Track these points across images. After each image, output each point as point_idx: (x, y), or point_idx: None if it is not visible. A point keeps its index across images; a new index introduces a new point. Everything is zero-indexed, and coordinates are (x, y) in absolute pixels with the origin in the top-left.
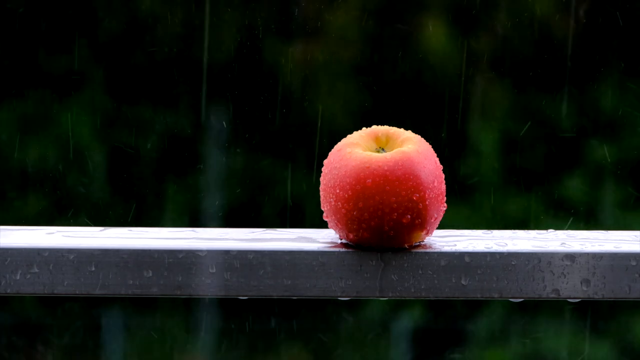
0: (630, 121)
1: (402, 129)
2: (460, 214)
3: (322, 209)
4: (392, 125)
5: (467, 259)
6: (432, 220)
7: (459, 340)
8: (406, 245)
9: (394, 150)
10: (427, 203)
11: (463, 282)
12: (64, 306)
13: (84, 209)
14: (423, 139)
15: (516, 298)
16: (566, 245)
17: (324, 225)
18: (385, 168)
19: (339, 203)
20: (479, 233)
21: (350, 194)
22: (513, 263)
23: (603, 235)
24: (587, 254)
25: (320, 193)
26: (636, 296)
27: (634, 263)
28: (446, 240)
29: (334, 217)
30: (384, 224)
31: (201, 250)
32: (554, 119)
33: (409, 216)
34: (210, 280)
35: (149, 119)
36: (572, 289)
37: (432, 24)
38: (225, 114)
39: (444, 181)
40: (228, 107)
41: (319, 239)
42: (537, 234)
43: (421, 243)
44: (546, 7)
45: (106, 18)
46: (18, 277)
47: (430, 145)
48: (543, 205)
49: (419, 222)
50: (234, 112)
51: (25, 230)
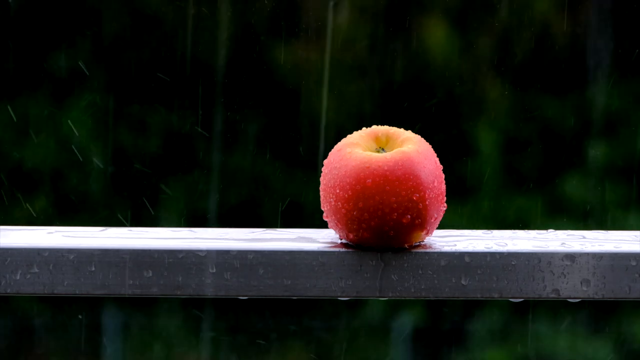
0: (630, 121)
1: (402, 129)
2: (460, 214)
3: (322, 209)
4: (392, 125)
5: (467, 259)
6: (432, 220)
7: (459, 340)
8: (406, 245)
9: (394, 150)
10: (427, 203)
11: (463, 282)
12: (64, 306)
13: (84, 209)
14: (423, 139)
15: (516, 298)
16: (566, 245)
17: (324, 225)
18: (385, 168)
19: (339, 203)
20: (479, 233)
21: (350, 194)
22: (513, 263)
23: (603, 235)
24: (587, 254)
25: (320, 193)
26: (636, 296)
27: (634, 263)
28: (446, 240)
29: (334, 217)
30: (384, 224)
31: (201, 250)
32: (554, 119)
33: (409, 216)
34: (210, 280)
35: (149, 118)
36: (572, 289)
37: (433, 24)
38: (225, 114)
39: (444, 181)
40: (228, 107)
41: (319, 239)
42: (537, 234)
43: (421, 243)
44: (546, 7)
45: (106, 18)
46: (18, 277)
47: (430, 145)
48: (543, 205)
49: (419, 222)
50: (233, 112)
51: (25, 230)
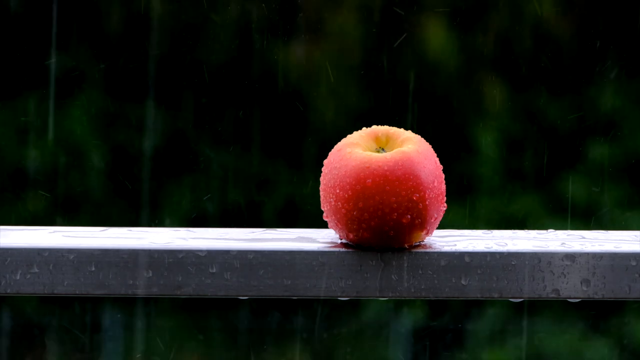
0: (630, 121)
1: (402, 129)
2: (460, 214)
3: (322, 209)
4: (392, 125)
5: (467, 259)
6: (432, 220)
7: (459, 340)
8: (406, 245)
9: (394, 150)
10: (427, 203)
11: (463, 282)
12: (64, 306)
13: (84, 209)
14: (423, 139)
15: (516, 298)
16: (566, 245)
17: (324, 225)
18: (385, 168)
19: (339, 203)
20: (479, 233)
21: (350, 194)
22: (513, 263)
23: (603, 235)
24: (587, 254)
25: (320, 193)
26: (636, 296)
27: (634, 263)
28: (446, 240)
29: (334, 217)
30: (384, 224)
31: (201, 250)
32: (554, 119)
33: (409, 216)
34: (210, 280)
35: (149, 118)
36: (572, 289)
37: (432, 24)
38: (225, 114)
39: (444, 181)
40: (228, 107)
41: (319, 239)
42: (537, 234)
43: (421, 243)
44: (546, 7)
45: (106, 17)
46: (18, 277)
47: (430, 145)
48: (543, 205)
49: (419, 222)
50: (233, 112)
51: (25, 230)
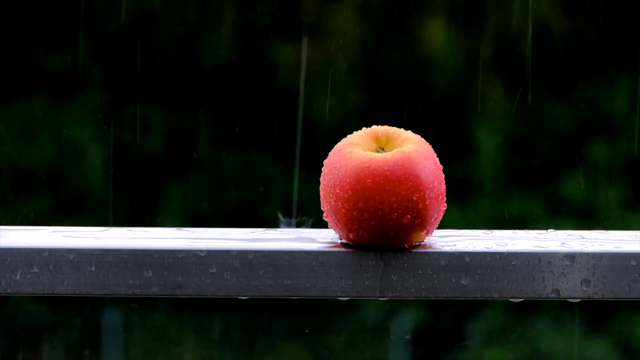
0: (630, 121)
1: (402, 129)
2: (460, 214)
3: (322, 209)
4: (392, 125)
5: (467, 259)
6: (432, 220)
7: (459, 340)
8: (406, 245)
9: (394, 150)
10: (427, 203)
11: (463, 282)
12: (64, 306)
13: (84, 209)
14: (423, 139)
15: (516, 298)
16: (566, 245)
17: (324, 225)
18: (385, 168)
19: (339, 203)
20: (479, 233)
21: (350, 194)
22: (513, 263)
23: (603, 235)
24: (587, 254)
25: (320, 193)
26: (636, 296)
27: (634, 263)
28: (446, 240)
29: (334, 217)
30: (384, 224)
31: (201, 250)
32: (554, 119)
33: (409, 216)
34: (210, 280)
35: (149, 118)
36: (572, 289)
37: (433, 24)
38: (225, 114)
39: (444, 181)
40: (228, 107)
41: (319, 239)
42: (537, 234)
43: (421, 243)
44: (546, 7)
45: (106, 17)
46: (18, 277)
47: (430, 145)
48: (543, 205)
49: (419, 222)
50: (233, 112)
51: (25, 230)
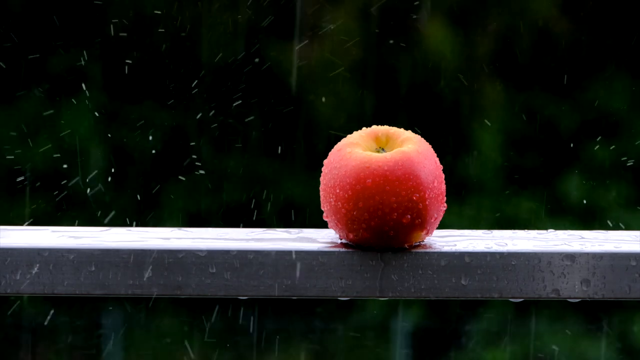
0: (630, 121)
1: (402, 129)
2: (460, 214)
3: (322, 209)
4: (392, 125)
5: (467, 259)
6: (432, 220)
7: (459, 340)
8: (406, 245)
9: (394, 150)
10: (427, 203)
11: (463, 282)
12: (64, 306)
13: (84, 209)
14: (423, 139)
15: (516, 298)
16: (566, 245)
17: (324, 225)
18: (385, 168)
19: (339, 203)
20: (479, 233)
21: (350, 194)
22: (513, 263)
23: (603, 235)
24: (587, 254)
25: (320, 193)
26: (636, 296)
27: (634, 263)
28: (446, 240)
29: (334, 217)
30: (384, 224)
31: (201, 250)
32: (554, 119)
33: (409, 216)
34: (210, 280)
35: (149, 118)
36: (572, 289)
37: (433, 24)
38: (225, 114)
39: (444, 181)
40: (228, 107)
41: (319, 239)
42: (537, 234)
43: (421, 243)
44: (546, 7)
45: (106, 17)
46: (18, 277)
47: (430, 145)
48: (543, 205)
49: (419, 222)
50: (233, 112)
51: (25, 230)
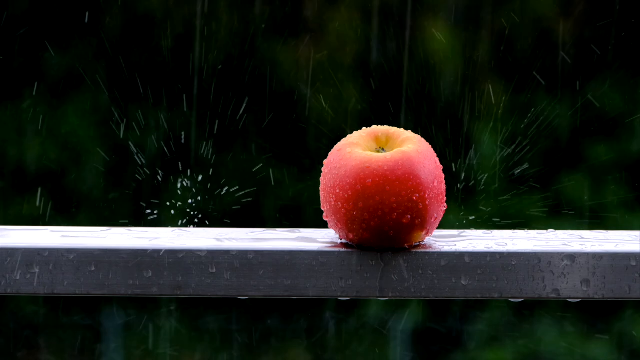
0: (631, 121)
1: (402, 129)
2: (460, 214)
3: (322, 209)
4: (393, 125)
5: (467, 259)
6: (432, 220)
7: (459, 340)
8: (406, 245)
9: (394, 150)
10: (427, 203)
11: (463, 282)
12: (64, 306)
13: (84, 209)
14: (423, 139)
15: (516, 298)
16: (566, 245)
17: (324, 225)
18: (385, 168)
19: (339, 203)
20: (479, 233)
21: (350, 194)
22: (513, 263)
23: (603, 235)
24: (587, 254)
25: (320, 193)
26: (636, 296)
27: (634, 263)
28: (446, 240)
29: (334, 217)
30: (384, 224)
31: (201, 250)
32: (554, 119)
33: (409, 216)
34: (210, 280)
35: (149, 118)
36: (572, 289)
37: (433, 24)
38: (225, 113)
39: (444, 181)
40: (228, 107)
41: (319, 239)
42: (537, 234)
43: (421, 243)
44: (546, 7)
45: (106, 17)
46: (18, 277)
47: (430, 145)
48: (543, 205)
49: (419, 222)
50: (233, 112)
51: (25, 230)
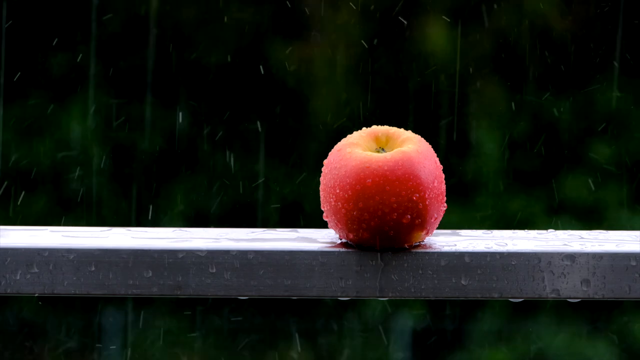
0: (631, 121)
1: (402, 129)
2: (460, 214)
3: (322, 209)
4: (393, 126)
5: (467, 259)
6: (432, 220)
7: (459, 340)
8: (406, 245)
9: (394, 150)
10: (427, 203)
11: (463, 282)
12: (64, 306)
13: (84, 209)
14: (423, 139)
15: (516, 298)
16: (566, 245)
17: (324, 225)
18: (385, 168)
19: (339, 203)
20: (479, 233)
21: (350, 194)
22: (513, 263)
23: (603, 235)
24: (587, 254)
25: (320, 193)
26: (636, 296)
27: (634, 263)
28: (446, 240)
29: (334, 217)
30: (384, 224)
31: (201, 250)
32: (554, 119)
33: (409, 216)
34: (210, 280)
35: (149, 118)
36: (572, 289)
37: (433, 24)
38: (225, 114)
39: (444, 181)
40: (228, 107)
41: (319, 239)
42: (537, 234)
43: (421, 243)
44: (546, 7)
45: (106, 17)
46: (18, 277)
47: (430, 145)
48: (543, 205)
49: (419, 222)
50: (233, 112)
51: (25, 230)
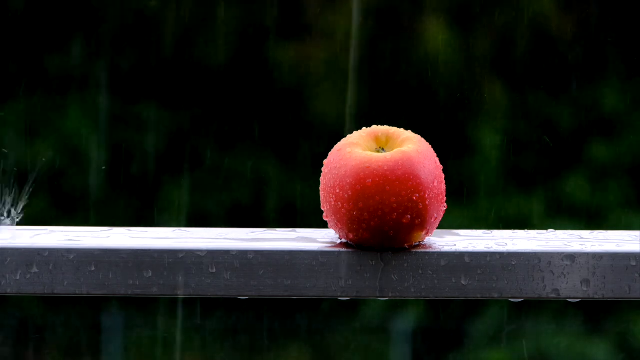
0: (631, 121)
1: (402, 129)
2: (460, 214)
3: (322, 209)
4: (393, 125)
5: (467, 259)
6: (432, 220)
7: (459, 340)
8: (406, 245)
9: (394, 150)
10: (427, 203)
11: (463, 282)
12: (64, 306)
13: (84, 209)
14: (423, 139)
15: (516, 298)
16: (566, 245)
17: (324, 225)
18: (385, 168)
19: (339, 203)
20: (479, 233)
21: (350, 194)
22: (513, 263)
23: (603, 235)
24: (587, 254)
25: (320, 193)
26: (636, 296)
27: (634, 263)
28: (446, 240)
29: (334, 217)
30: (384, 224)
31: (201, 250)
32: (554, 119)
33: (409, 216)
34: (210, 280)
35: (149, 118)
36: (572, 289)
37: (433, 24)
38: (225, 114)
39: (444, 181)
40: (228, 107)
41: (319, 239)
42: (537, 234)
43: (421, 243)
44: (547, 7)
45: (106, 17)
46: (18, 277)
47: (430, 145)
48: (543, 205)
49: (419, 222)
50: (233, 112)
51: (25, 230)
